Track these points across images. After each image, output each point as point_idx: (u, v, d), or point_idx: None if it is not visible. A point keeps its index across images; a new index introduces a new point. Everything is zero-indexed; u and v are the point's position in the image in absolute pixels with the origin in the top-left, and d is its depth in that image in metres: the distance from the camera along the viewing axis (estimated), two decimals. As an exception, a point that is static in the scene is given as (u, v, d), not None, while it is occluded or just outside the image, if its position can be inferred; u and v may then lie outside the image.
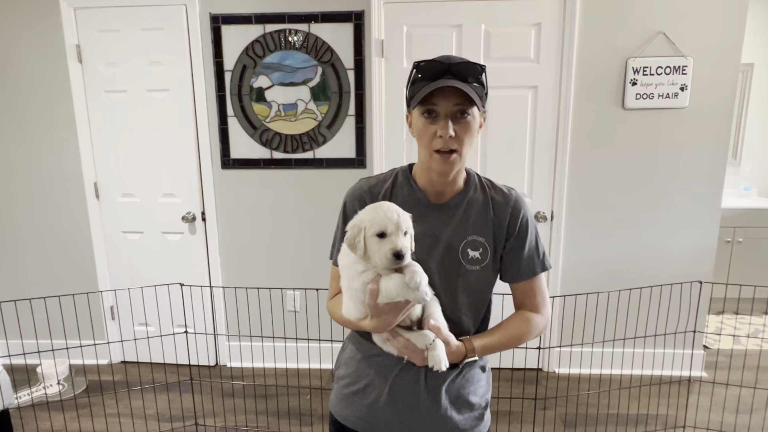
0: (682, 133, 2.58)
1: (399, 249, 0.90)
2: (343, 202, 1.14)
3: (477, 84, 0.99)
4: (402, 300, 0.92)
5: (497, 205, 1.07)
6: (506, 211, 1.06)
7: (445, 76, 0.97)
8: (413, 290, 0.90)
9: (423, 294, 0.91)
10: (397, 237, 0.91)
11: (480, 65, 0.99)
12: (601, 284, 2.66)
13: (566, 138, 2.60)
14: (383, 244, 0.91)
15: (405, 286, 0.90)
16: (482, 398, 1.12)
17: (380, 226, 0.92)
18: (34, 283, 2.94)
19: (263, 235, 2.82)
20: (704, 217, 2.66)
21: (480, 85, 1.00)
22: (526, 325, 1.08)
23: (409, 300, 0.92)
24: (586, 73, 2.54)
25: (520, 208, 1.07)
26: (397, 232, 0.92)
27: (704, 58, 2.50)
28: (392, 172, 1.13)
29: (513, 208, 1.07)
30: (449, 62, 0.97)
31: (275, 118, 2.67)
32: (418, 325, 1.02)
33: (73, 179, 2.80)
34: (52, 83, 2.68)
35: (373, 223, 0.92)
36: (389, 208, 0.94)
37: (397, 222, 0.92)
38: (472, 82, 0.98)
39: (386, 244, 0.91)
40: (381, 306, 0.94)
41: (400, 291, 0.90)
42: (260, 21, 2.57)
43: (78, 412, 2.50)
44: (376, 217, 0.93)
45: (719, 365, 2.89)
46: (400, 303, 0.93)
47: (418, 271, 0.92)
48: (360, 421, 1.11)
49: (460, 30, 2.53)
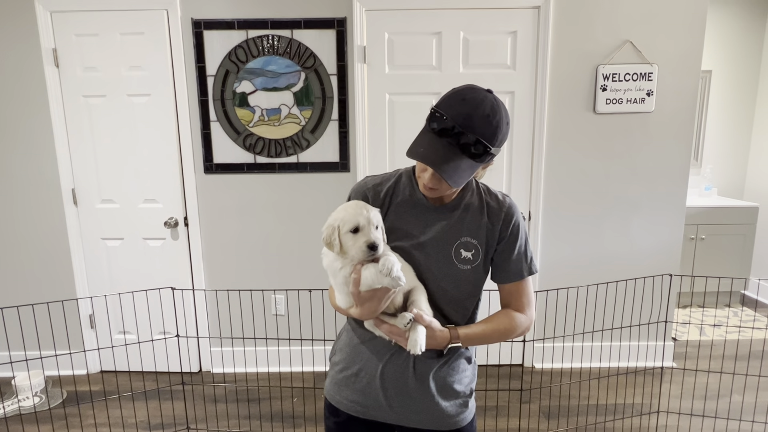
0: (648, 136, 2.74)
1: (373, 241, 1.01)
2: (347, 197, 1.19)
3: (483, 154, 0.99)
4: (379, 286, 1.00)
5: (491, 210, 1.14)
6: (499, 216, 1.13)
7: (448, 137, 0.98)
8: (386, 276, 0.98)
9: (396, 279, 0.99)
10: (370, 230, 1.01)
11: (489, 146, 0.98)
12: (577, 281, 2.76)
13: (542, 141, 2.71)
14: (358, 239, 1.01)
15: (379, 273, 0.99)
16: (467, 387, 1.19)
17: (353, 222, 1.02)
18: (10, 291, 2.85)
19: (247, 240, 2.83)
20: (670, 214, 2.82)
21: (486, 154, 1.00)
22: (509, 322, 1.15)
23: (387, 287, 1.00)
24: (560, 79, 2.67)
25: (512, 214, 1.14)
26: (369, 226, 1.02)
27: (668, 65, 2.66)
28: (396, 173, 1.19)
29: (506, 213, 1.14)
30: (459, 131, 0.96)
31: (258, 122, 2.69)
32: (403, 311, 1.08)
33: (49, 185, 2.74)
34: (27, 88, 2.62)
35: (345, 221, 1.02)
36: (358, 205, 1.05)
37: (368, 217, 1.02)
38: (478, 153, 0.99)
39: (360, 238, 1.01)
40: (363, 294, 1.03)
41: (376, 278, 0.99)
42: (243, 27, 2.59)
43: (56, 424, 2.44)
44: (347, 215, 1.03)
45: (687, 355, 3.05)
46: (380, 290, 1.01)
47: (389, 259, 1.00)
48: (353, 404, 1.17)
49: (439, 37, 2.61)
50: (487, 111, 0.98)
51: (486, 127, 0.98)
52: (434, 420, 1.14)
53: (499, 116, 0.99)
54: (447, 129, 0.98)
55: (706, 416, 2.37)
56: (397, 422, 1.16)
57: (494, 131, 0.99)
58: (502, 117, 1.00)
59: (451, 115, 0.98)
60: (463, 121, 0.97)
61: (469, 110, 0.97)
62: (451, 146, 0.99)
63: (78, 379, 2.88)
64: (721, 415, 2.38)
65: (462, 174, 1.00)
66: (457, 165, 0.99)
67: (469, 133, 0.97)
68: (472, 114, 0.97)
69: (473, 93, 1.00)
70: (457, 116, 0.97)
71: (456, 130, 0.97)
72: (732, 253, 3.75)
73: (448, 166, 0.98)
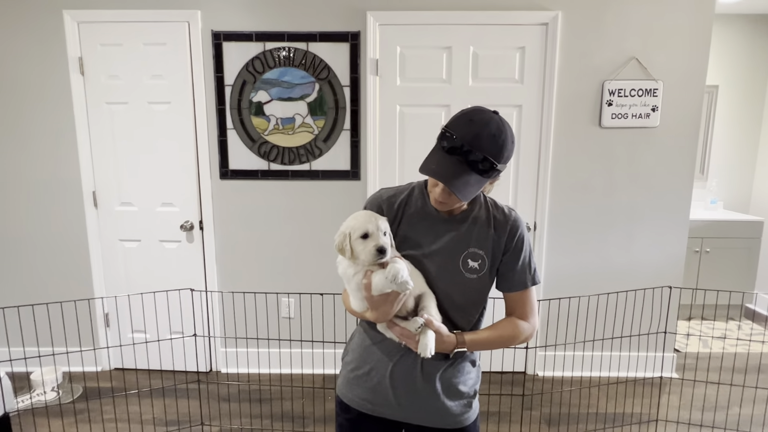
0: (653, 150, 2.80)
1: (381, 245, 1.09)
2: (363, 207, 1.27)
3: (490, 170, 1.07)
4: (389, 290, 1.08)
5: (498, 223, 1.21)
6: (505, 229, 1.21)
7: (457, 155, 1.06)
8: (392, 281, 1.06)
9: (403, 284, 1.07)
10: (378, 236, 1.10)
11: (495, 163, 1.05)
12: (580, 291, 2.82)
13: (548, 154, 2.78)
14: (367, 244, 1.10)
15: (386, 278, 1.07)
16: (471, 388, 1.26)
17: (363, 229, 1.11)
18: (31, 290, 2.95)
19: (259, 244, 2.92)
20: (674, 227, 2.87)
21: (493, 170, 1.07)
22: (513, 329, 1.23)
23: (397, 292, 1.09)
24: (567, 94, 2.74)
25: (517, 227, 1.22)
26: (378, 232, 1.11)
27: (673, 81, 2.72)
28: (409, 186, 1.27)
29: (511, 227, 1.21)
30: (467, 149, 1.04)
31: (273, 131, 2.79)
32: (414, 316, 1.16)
33: (72, 188, 2.85)
34: (54, 94, 2.74)
35: (356, 229, 1.11)
36: (367, 214, 1.14)
37: (376, 224, 1.11)
38: (485, 169, 1.06)
39: (370, 243, 1.10)
40: (375, 298, 1.11)
41: (385, 283, 1.07)
42: (260, 39, 2.69)
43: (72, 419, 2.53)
44: (357, 223, 1.12)
45: (688, 367, 3.09)
46: (390, 294, 1.10)
47: (395, 266, 1.08)
48: (364, 402, 1.25)
49: (450, 51, 2.70)
50: (493, 131, 1.06)
51: (492, 145, 1.06)
52: (440, 418, 1.22)
53: (504, 135, 1.07)
54: (456, 147, 1.06)
55: (704, 426, 2.42)
56: (404, 419, 1.23)
57: (500, 149, 1.07)
58: (507, 136, 1.08)
59: (460, 135, 1.06)
60: (471, 140, 1.05)
61: (477, 130, 1.05)
62: (461, 163, 1.07)
63: (94, 376, 2.98)
64: (719, 426, 2.42)
65: (470, 189, 1.08)
66: (465, 181, 1.07)
67: (476, 151, 1.05)
68: (480, 133, 1.05)
69: (481, 114, 1.08)
70: (466, 135, 1.05)
71: (465, 149, 1.05)
72: (737, 266, 3.78)
73: (458, 182, 1.06)
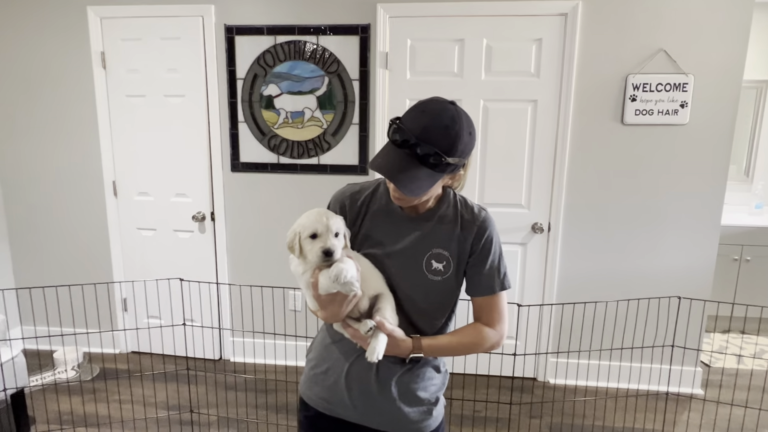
0: (681, 149, 2.60)
1: (328, 247, 1.05)
2: (328, 203, 1.24)
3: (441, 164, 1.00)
4: (335, 291, 1.04)
5: (465, 223, 1.14)
6: (472, 229, 1.14)
7: (406, 149, 0.99)
8: (336, 281, 1.02)
9: (347, 285, 1.02)
10: (327, 237, 1.06)
11: (443, 156, 0.98)
12: (595, 297, 2.68)
13: (564, 151, 2.65)
14: (315, 244, 1.06)
15: (329, 278, 1.03)
16: (432, 395, 1.20)
17: (312, 228, 1.07)
18: (54, 275, 3.12)
19: (268, 236, 2.94)
20: (703, 233, 2.66)
21: (445, 164, 1.00)
22: (476, 336, 1.15)
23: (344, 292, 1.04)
24: (586, 88, 2.59)
25: (485, 227, 1.14)
26: (327, 233, 1.06)
27: (705, 75, 2.51)
28: (376, 182, 1.23)
29: (479, 227, 1.14)
30: (414, 142, 0.98)
31: (283, 124, 2.80)
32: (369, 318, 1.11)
33: (93, 177, 2.98)
34: (77, 88, 2.87)
35: (305, 227, 1.07)
36: (320, 212, 1.09)
37: (326, 224, 1.06)
38: (436, 163, 0.99)
39: (317, 244, 1.06)
40: (324, 298, 1.07)
41: (330, 284, 1.03)
42: (272, 32, 2.70)
43: (88, 396, 2.66)
44: (308, 221, 1.08)
45: (716, 384, 2.87)
46: (338, 295, 1.05)
47: (339, 266, 1.03)
48: (321, 401, 1.22)
49: (462, 44, 2.61)
50: (446, 122, 0.99)
51: (443, 138, 0.99)
52: (396, 424, 1.17)
53: (458, 126, 1.00)
54: (406, 140, 1.00)
55: (724, 450, 2.24)
56: (361, 422, 1.19)
57: (452, 142, 1.00)
58: (463, 127, 1.01)
59: (409, 127, 1.00)
60: (420, 132, 0.99)
61: (427, 122, 0.99)
62: (409, 156, 1.00)
63: (112, 357, 3.12)
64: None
65: (420, 184, 1.01)
66: (413, 175, 1.00)
67: (424, 144, 0.99)
68: (429, 126, 0.99)
69: (433, 104, 1.02)
70: (415, 128, 0.99)
71: (412, 141, 0.99)
72: (781, 277, 3.48)
73: (404, 176, 1.00)
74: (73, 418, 2.47)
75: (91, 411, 2.52)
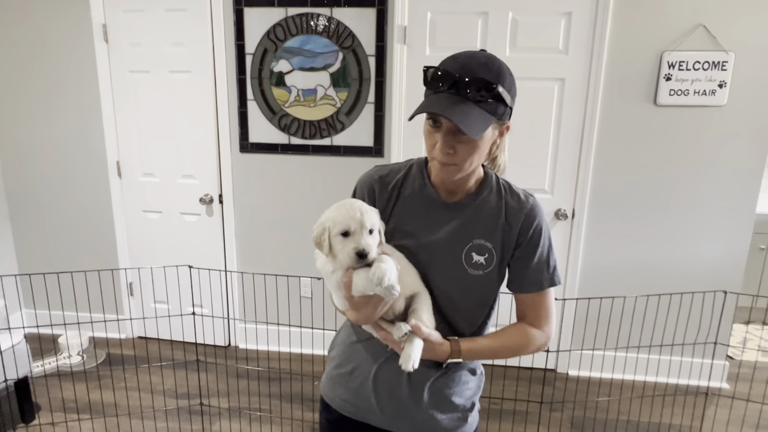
0: (717, 132, 2.45)
1: (362, 248, 0.90)
2: (353, 189, 1.12)
3: (491, 100, 0.90)
4: (371, 293, 0.91)
5: (510, 210, 1.02)
6: (519, 217, 1.01)
7: (450, 89, 0.89)
8: (378, 285, 0.88)
9: (389, 289, 0.89)
10: (361, 236, 0.91)
11: (493, 83, 0.89)
12: (621, 287, 2.56)
13: (592, 133, 2.50)
14: (347, 243, 0.92)
15: (370, 281, 0.89)
16: (468, 400, 1.09)
17: (343, 225, 0.92)
18: (59, 255, 3.03)
19: (279, 220, 2.83)
20: (737, 222, 2.52)
21: (495, 100, 0.90)
22: (521, 339, 1.04)
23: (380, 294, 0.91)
24: (617, 66, 2.43)
25: (534, 215, 1.02)
26: (361, 230, 0.92)
27: (747, 53, 2.34)
28: (407, 164, 1.10)
29: (527, 215, 1.02)
30: (458, 76, 0.88)
31: (294, 103, 2.65)
32: (403, 319, 0.99)
33: (97, 157, 2.86)
34: (79, 62, 2.73)
35: (336, 223, 0.93)
36: (353, 206, 0.94)
37: (360, 220, 0.92)
38: (485, 99, 0.89)
39: (350, 243, 0.92)
40: (357, 299, 0.94)
41: (367, 285, 0.90)
42: (282, 4, 2.54)
43: (94, 383, 2.58)
44: (339, 216, 0.93)
45: (742, 377, 2.77)
46: (374, 297, 0.92)
47: (381, 267, 0.90)
48: (345, 404, 1.11)
49: (486, 17, 2.44)
50: (483, 60, 0.91)
51: (487, 71, 0.90)
52: (427, 431, 1.07)
53: (498, 63, 0.92)
54: (447, 82, 0.90)
55: (756, 448, 2.14)
56: (388, 428, 1.09)
57: (497, 74, 0.90)
58: (502, 64, 0.93)
59: (448, 70, 0.90)
60: (461, 69, 0.89)
61: (465, 60, 0.91)
62: (456, 96, 0.89)
63: (118, 343, 3.04)
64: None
65: (475, 122, 0.88)
66: (467, 111, 0.88)
67: (469, 77, 0.88)
68: (468, 63, 0.90)
69: (464, 52, 0.94)
70: (454, 68, 0.90)
71: (457, 78, 0.89)
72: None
73: (457, 109, 0.88)
74: (78, 406, 2.40)
75: (96, 398, 2.45)
